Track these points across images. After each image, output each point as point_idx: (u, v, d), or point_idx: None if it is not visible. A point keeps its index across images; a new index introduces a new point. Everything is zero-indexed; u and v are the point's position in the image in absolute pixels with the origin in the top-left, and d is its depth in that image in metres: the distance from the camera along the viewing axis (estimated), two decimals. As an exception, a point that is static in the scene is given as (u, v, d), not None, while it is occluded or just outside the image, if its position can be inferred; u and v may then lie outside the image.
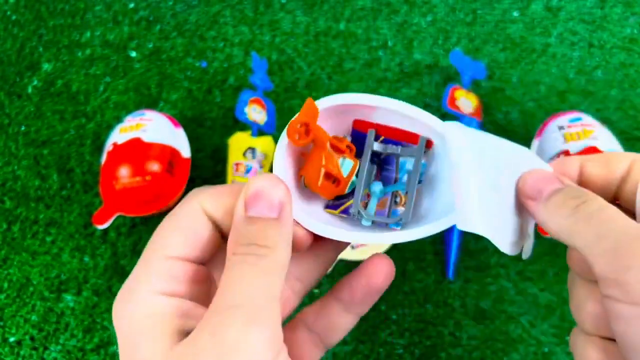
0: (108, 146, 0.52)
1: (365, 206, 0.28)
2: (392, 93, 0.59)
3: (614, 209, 0.21)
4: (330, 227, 0.26)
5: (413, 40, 0.62)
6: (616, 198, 0.24)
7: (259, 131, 0.54)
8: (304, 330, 0.27)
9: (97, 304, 0.50)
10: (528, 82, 0.59)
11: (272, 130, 0.55)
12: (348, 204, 0.28)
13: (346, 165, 0.27)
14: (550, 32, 0.62)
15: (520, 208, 0.26)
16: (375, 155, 0.28)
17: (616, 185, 0.24)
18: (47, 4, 0.68)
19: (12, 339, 0.50)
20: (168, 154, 0.51)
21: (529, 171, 0.25)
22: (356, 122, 0.29)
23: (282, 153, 0.27)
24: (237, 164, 0.52)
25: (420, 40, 0.62)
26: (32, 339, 0.50)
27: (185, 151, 0.53)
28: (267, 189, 0.22)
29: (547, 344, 0.46)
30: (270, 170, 0.29)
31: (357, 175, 0.28)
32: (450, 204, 0.26)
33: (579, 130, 0.49)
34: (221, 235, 0.24)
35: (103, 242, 0.53)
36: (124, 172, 0.49)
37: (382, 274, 0.26)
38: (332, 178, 0.27)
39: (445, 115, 0.57)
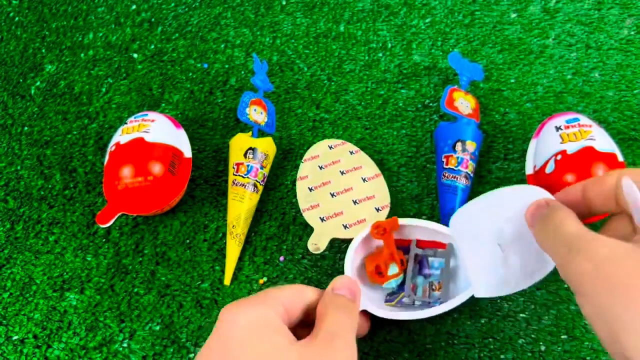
0: (111, 146, 0.52)
1: (414, 293, 0.46)
2: (391, 94, 0.60)
3: (567, 214, 0.29)
4: (390, 311, 0.44)
5: (412, 42, 0.63)
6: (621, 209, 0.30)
7: (260, 132, 0.55)
8: None
9: (100, 303, 0.51)
10: (525, 83, 0.59)
11: (273, 130, 0.56)
12: (400, 297, 0.45)
13: (392, 269, 0.45)
14: (548, 34, 0.62)
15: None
16: (415, 258, 0.46)
17: (614, 198, 0.29)
18: (50, 6, 0.68)
19: (15, 338, 0.50)
20: (170, 154, 0.52)
21: (530, 205, 0.34)
22: (399, 241, 0.48)
23: (358, 241, 0.46)
24: (238, 164, 0.53)
25: (419, 42, 0.63)
26: (35, 337, 0.50)
27: (187, 152, 0.54)
28: (347, 282, 0.38)
29: (544, 342, 0.47)
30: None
31: (403, 274, 0.46)
32: (467, 283, 0.44)
33: (576, 131, 0.49)
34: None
35: (105, 241, 0.54)
36: (126, 172, 0.50)
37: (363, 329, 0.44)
38: (379, 271, 0.45)
39: (443, 116, 0.58)
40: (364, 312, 0.43)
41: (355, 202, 0.50)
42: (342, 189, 0.51)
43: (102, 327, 0.50)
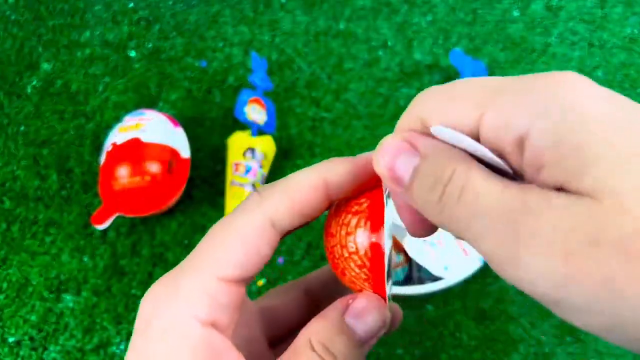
0: (107, 146, 0.52)
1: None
2: (392, 93, 0.59)
3: (478, 179, 0.15)
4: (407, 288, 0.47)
5: (413, 40, 0.62)
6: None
7: (259, 131, 0.54)
8: None
9: (97, 304, 0.50)
10: (528, 82, 0.59)
11: (272, 130, 0.55)
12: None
13: (397, 257, 0.48)
14: (551, 32, 0.62)
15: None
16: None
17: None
18: (46, 4, 0.68)
19: (11, 340, 0.50)
20: (167, 154, 0.51)
21: (379, 148, 0.18)
22: None
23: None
24: (236, 164, 0.52)
25: (420, 40, 0.62)
26: (31, 339, 0.49)
27: (185, 151, 0.53)
28: (374, 314, 0.20)
29: (548, 344, 0.46)
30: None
31: (409, 266, 0.49)
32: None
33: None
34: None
35: (102, 242, 0.53)
36: (122, 172, 0.49)
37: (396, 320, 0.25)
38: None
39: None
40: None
41: None
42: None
43: (99, 329, 0.49)
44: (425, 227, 0.20)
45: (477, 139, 0.16)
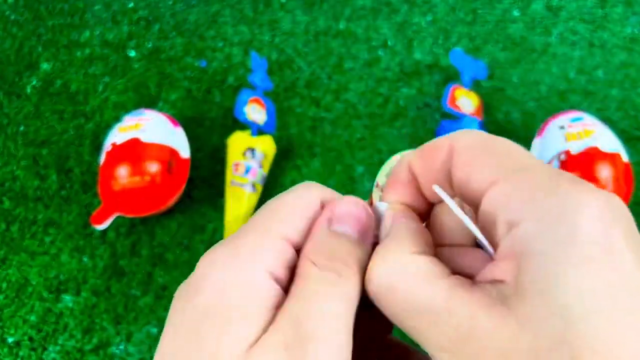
0: (107, 146, 0.52)
1: None
2: (392, 92, 0.59)
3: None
4: None
5: (413, 39, 0.62)
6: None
7: (259, 131, 0.54)
8: None
9: (96, 305, 0.50)
10: (529, 82, 0.59)
11: (272, 130, 0.55)
12: None
13: None
14: (551, 32, 0.62)
15: None
16: None
17: (447, 176, 0.20)
18: (46, 4, 0.67)
19: (10, 340, 0.49)
20: (167, 154, 0.51)
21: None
22: None
23: None
24: (236, 164, 0.52)
25: (421, 40, 0.62)
26: (30, 339, 0.49)
27: (185, 151, 0.53)
28: (356, 212, 0.21)
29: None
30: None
31: None
32: None
33: (579, 130, 0.48)
34: None
35: (102, 242, 0.53)
36: (122, 172, 0.49)
37: None
38: None
39: (445, 115, 0.57)
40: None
41: None
42: None
43: (98, 329, 0.49)
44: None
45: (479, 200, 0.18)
